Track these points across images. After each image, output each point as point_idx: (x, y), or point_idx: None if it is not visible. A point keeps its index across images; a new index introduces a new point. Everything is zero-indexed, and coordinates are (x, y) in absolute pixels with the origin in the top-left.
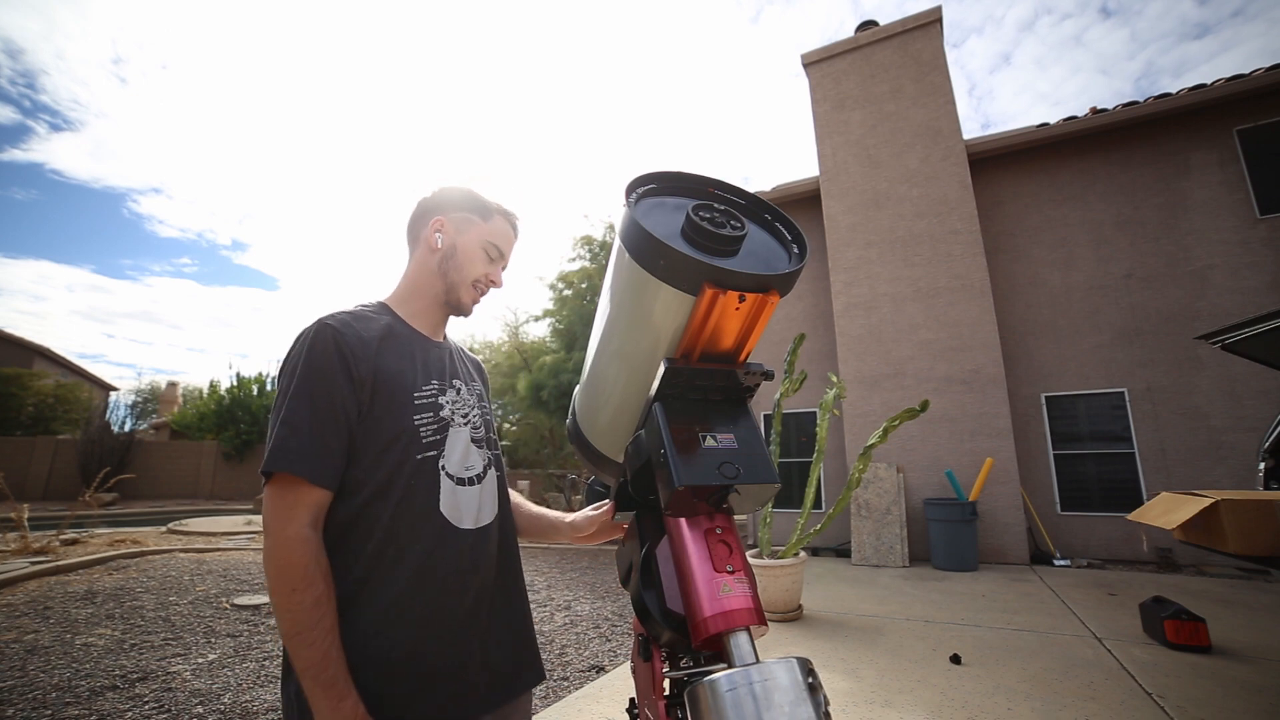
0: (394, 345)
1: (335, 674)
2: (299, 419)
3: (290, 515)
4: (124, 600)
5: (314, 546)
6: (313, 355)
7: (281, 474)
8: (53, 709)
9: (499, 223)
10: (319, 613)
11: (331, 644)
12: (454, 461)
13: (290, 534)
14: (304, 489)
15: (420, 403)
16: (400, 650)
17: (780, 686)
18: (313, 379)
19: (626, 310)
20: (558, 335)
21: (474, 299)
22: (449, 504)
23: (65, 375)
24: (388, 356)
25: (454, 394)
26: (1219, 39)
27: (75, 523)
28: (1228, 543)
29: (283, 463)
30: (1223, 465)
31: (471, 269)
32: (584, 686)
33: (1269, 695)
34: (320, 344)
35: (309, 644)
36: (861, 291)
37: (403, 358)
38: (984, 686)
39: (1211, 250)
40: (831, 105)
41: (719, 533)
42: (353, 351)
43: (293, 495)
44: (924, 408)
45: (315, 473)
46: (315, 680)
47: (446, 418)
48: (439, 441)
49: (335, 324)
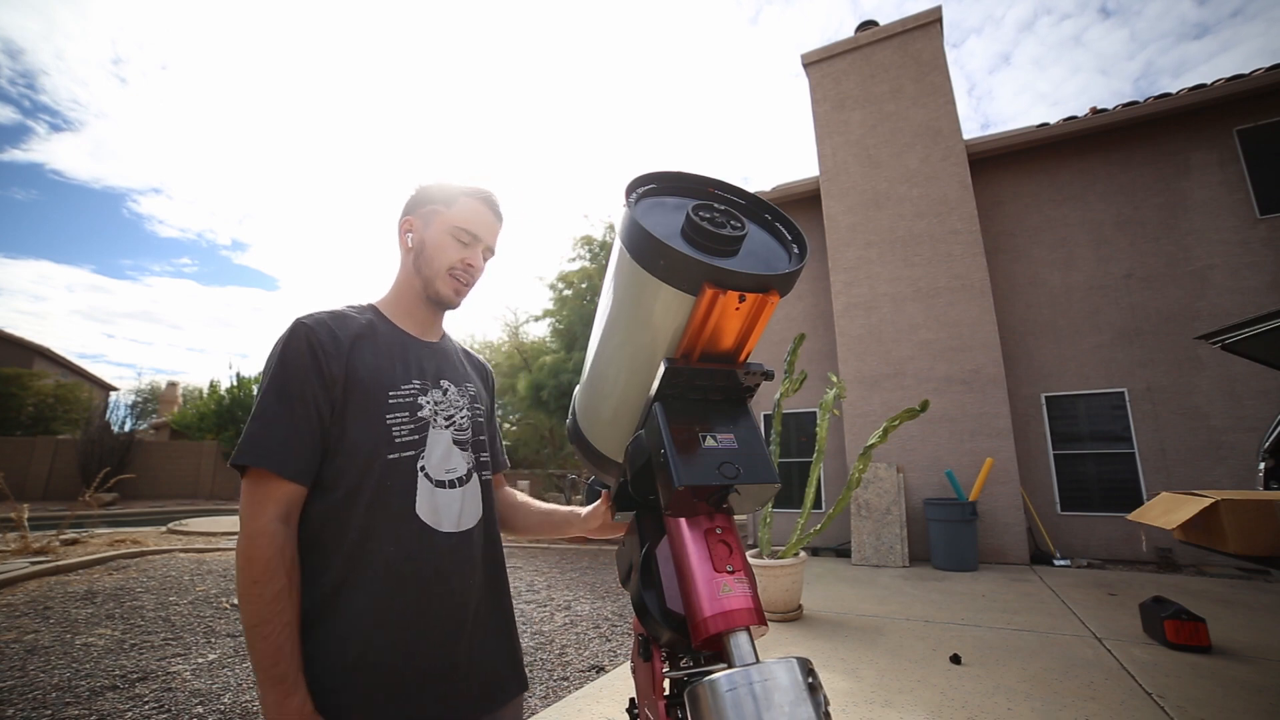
0: (372, 344)
1: (285, 669)
2: (270, 414)
3: (259, 509)
4: (124, 600)
5: (279, 540)
6: (286, 353)
7: (252, 468)
8: (53, 709)
9: (465, 204)
10: (278, 606)
11: (286, 639)
12: (434, 463)
13: (257, 527)
14: (274, 482)
15: (396, 401)
16: (382, 653)
17: (780, 686)
18: (284, 375)
19: (626, 310)
20: (558, 335)
21: (454, 288)
22: (427, 506)
23: (65, 375)
24: (363, 355)
25: (439, 394)
26: (1218, 39)
27: (75, 523)
28: (1228, 543)
29: (251, 456)
30: (1223, 465)
31: (442, 259)
32: (584, 686)
33: (1269, 695)
34: (294, 342)
35: (264, 637)
36: (861, 291)
37: (380, 356)
38: (984, 686)
39: (1211, 250)
40: (831, 105)
41: (719, 533)
42: (324, 349)
43: (263, 489)
44: (924, 408)
45: (284, 466)
46: (266, 674)
47: (426, 418)
48: (417, 442)
49: (310, 322)
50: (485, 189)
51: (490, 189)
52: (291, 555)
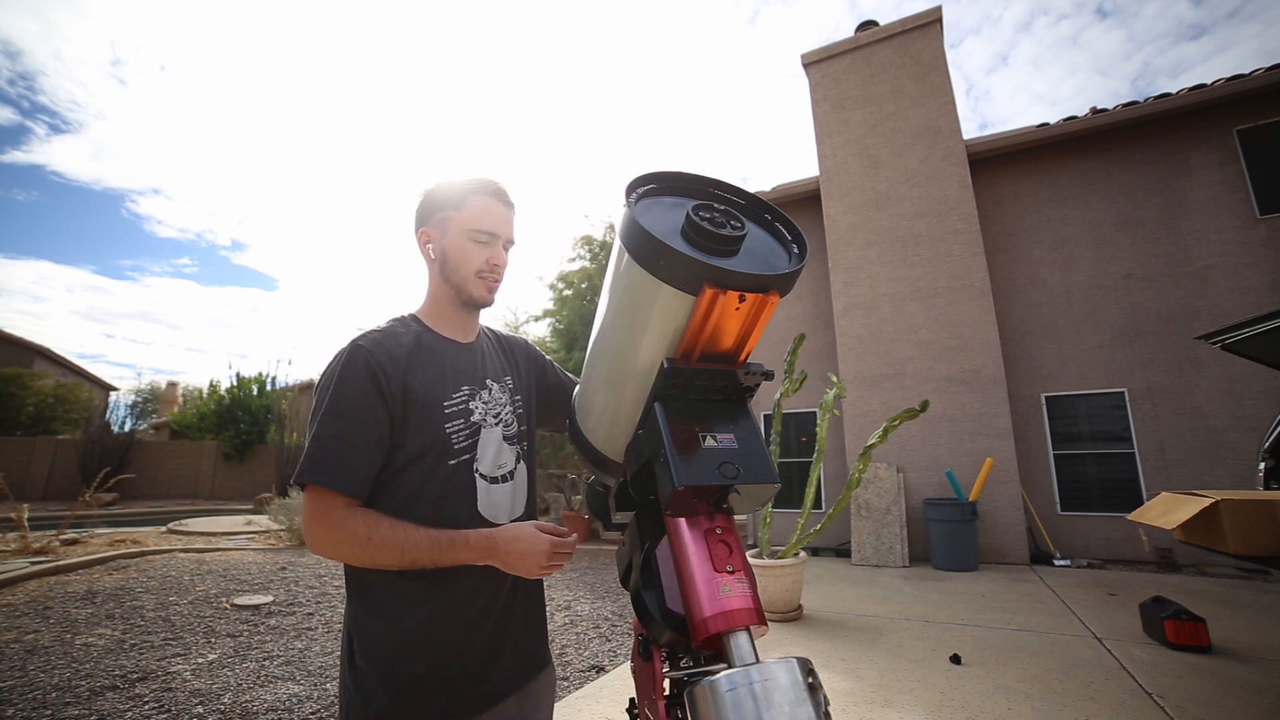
0: (423, 357)
1: (449, 538)
2: (328, 434)
3: (325, 517)
4: (124, 600)
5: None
6: (345, 374)
7: (311, 485)
8: (53, 709)
9: (475, 203)
10: (400, 534)
11: (429, 538)
12: (487, 462)
13: (328, 525)
14: (332, 496)
15: (451, 410)
16: (447, 634)
17: (780, 686)
18: (343, 397)
19: (626, 310)
20: (558, 335)
21: (486, 288)
22: (486, 503)
23: (65, 375)
24: (417, 371)
25: (486, 395)
26: (1215, 40)
27: (75, 523)
28: (1228, 543)
29: (310, 475)
30: (1223, 465)
31: (467, 265)
32: (584, 686)
33: (1269, 695)
34: (352, 363)
35: (415, 546)
36: (861, 291)
37: (431, 368)
38: (984, 686)
39: (1211, 250)
40: (831, 105)
41: (719, 533)
42: (383, 369)
43: (326, 502)
44: (924, 408)
45: (342, 484)
46: (441, 551)
47: (478, 421)
48: (471, 446)
49: (366, 344)
50: (489, 180)
51: (494, 179)
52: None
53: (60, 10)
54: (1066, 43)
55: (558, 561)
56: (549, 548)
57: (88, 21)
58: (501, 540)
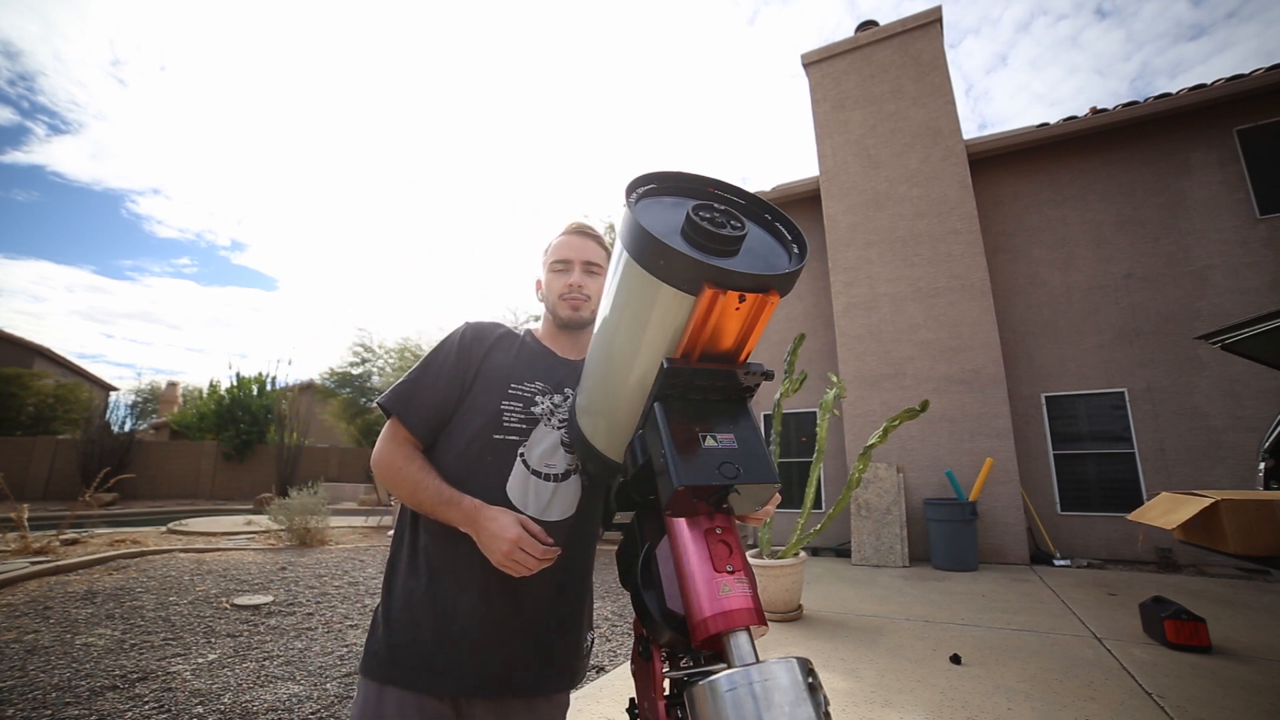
0: (513, 347)
1: (448, 496)
2: (412, 377)
3: (387, 439)
4: (124, 600)
5: (404, 448)
6: (445, 340)
7: (390, 413)
8: (53, 709)
9: (558, 242)
10: (420, 476)
11: (438, 485)
12: (535, 454)
13: (385, 446)
14: (397, 426)
15: (514, 393)
16: (458, 605)
17: (780, 686)
18: (437, 354)
19: (626, 310)
20: None
21: (570, 307)
22: (518, 489)
23: (65, 375)
24: (499, 353)
25: (559, 398)
26: (1214, 40)
27: (75, 523)
28: (1228, 543)
29: (389, 403)
30: (1223, 465)
31: (552, 292)
32: (584, 686)
33: (1269, 695)
34: (452, 334)
35: (423, 489)
36: (861, 291)
37: (514, 357)
38: (984, 686)
39: (1211, 250)
40: (831, 105)
41: (719, 533)
42: (470, 343)
43: (394, 429)
44: (924, 408)
45: (407, 417)
46: (441, 506)
47: (539, 414)
48: (524, 431)
49: (471, 322)
50: (575, 222)
51: (577, 219)
52: (411, 456)
53: (60, 10)
54: (1066, 43)
55: (523, 560)
56: (516, 539)
57: (87, 22)
58: (483, 515)
